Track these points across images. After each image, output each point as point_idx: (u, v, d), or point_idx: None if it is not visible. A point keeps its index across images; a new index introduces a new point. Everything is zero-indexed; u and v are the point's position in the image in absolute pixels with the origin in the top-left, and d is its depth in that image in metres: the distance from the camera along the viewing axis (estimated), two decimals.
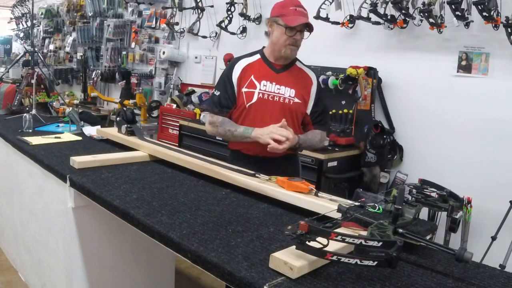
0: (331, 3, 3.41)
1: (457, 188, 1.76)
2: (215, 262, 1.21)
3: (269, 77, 2.16)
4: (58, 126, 3.13)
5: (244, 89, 2.16)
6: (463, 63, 2.99)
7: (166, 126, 4.62)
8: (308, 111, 2.20)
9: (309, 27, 2.09)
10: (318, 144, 2.25)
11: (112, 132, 2.65)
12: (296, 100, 2.14)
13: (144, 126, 4.69)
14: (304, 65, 2.27)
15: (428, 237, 1.45)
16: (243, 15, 4.21)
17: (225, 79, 2.21)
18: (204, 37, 4.75)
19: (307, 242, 1.12)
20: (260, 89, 2.14)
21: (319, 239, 1.13)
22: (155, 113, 4.91)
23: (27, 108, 3.54)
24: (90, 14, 6.52)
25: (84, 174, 1.97)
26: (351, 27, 3.46)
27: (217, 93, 2.22)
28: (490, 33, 2.78)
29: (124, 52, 5.97)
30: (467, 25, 2.85)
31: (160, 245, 1.41)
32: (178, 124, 4.33)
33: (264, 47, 2.25)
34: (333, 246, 1.17)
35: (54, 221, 2.19)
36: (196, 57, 5.05)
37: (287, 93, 2.14)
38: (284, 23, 2.06)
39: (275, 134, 1.98)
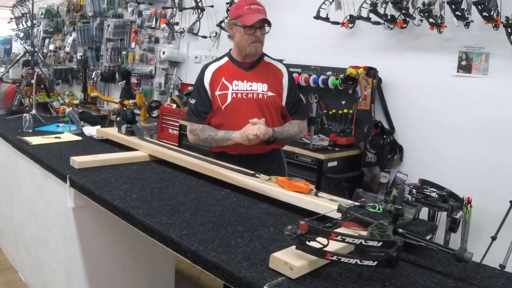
0: (331, 3, 3.41)
1: (457, 188, 1.76)
2: (215, 262, 1.21)
3: (239, 76, 2.20)
4: (58, 126, 3.13)
5: (217, 92, 2.20)
6: (463, 63, 2.99)
7: (166, 126, 4.62)
8: (283, 103, 2.24)
9: (267, 23, 2.12)
10: (297, 134, 2.27)
11: (112, 132, 2.65)
12: (270, 93, 2.18)
13: (144, 126, 4.69)
14: (272, 59, 2.30)
15: (428, 237, 1.45)
16: None
17: (198, 86, 2.26)
18: (204, 37, 4.75)
19: (307, 242, 1.12)
20: (232, 89, 2.18)
21: (319, 239, 1.13)
22: (155, 113, 4.91)
23: (27, 108, 3.54)
24: (90, 14, 6.52)
25: (84, 174, 1.97)
26: (351, 27, 3.46)
27: (193, 101, 2.27)
28: (490, 33, 2.78)
29: (124, 52, 5.97)
30: (467, 25, 2.85)
31: (160, 245, 1.41)
32: (178, 124, 4.33)
33: (230, 49, 2.29)
34: (333, 246, 1.17)
35: (54, 221, 2.19)
36: (196, 57, 5.05)
37: (260, 88, 2.18)
38: (241, 23, 2.10)
39: (248, 134, 2.06)
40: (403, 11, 3.03)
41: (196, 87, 2.28)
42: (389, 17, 3.15)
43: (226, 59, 2.27)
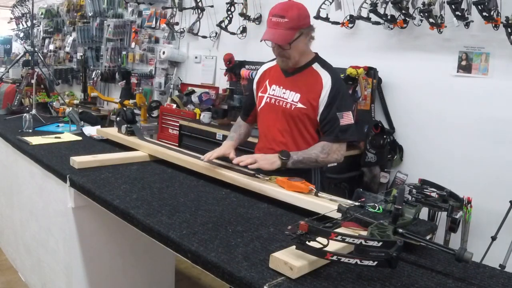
0: (331, 3, 3.41)
1: (457, 188, 1.76)
2: (215, 262, 1.21)
3: (279, 81, 2.07)
4: (58, 126, 3.13)
5: (260, 93, 2.15)
6: (463, 63, 2.99)
7: (166, 126, 4.62)
8: (318, 118, 1.98)
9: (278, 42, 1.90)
10: (317, 157, 1.94)
11: (112, 132, 2.65)
12: (300, 105, 1.97)
13: (144, 126, 4.69)
14: (324, 66, 2.03)
15: (428, 237, 1.45)
16: (243, 15, 4.20)
17: (250, 83, 2.27)
18: (204, 37, 4.75)
19: (307, 242, 1.12)
20: (269, 94, 2.08)
21: (319, 239, 1.13)
22: (155, 113, 4.90)
23: (27, 108, 3.54)
24: (90, 14, 6.52)
25: (84, 174, 1.97)
26: (351, 27, 3.46)
27: (245, 96, 2.26)
28: (490, 33, 2.78)
29: (124, 52, 5.96)
30: (467, 25, 2.85)
31: (160, 245, 1.41)
32: (178, 124, 4.33)
33: None
34: (333, 246, 1.17)
35: (54, 221, 2.19)
36: (196, 57, 5.04)
37: (291, 97, 2.00)
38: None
39: (210, 155, 1.97)
40: (403, 11, 3.03)
41: (248, 84, 2.30)
42: (389, 17, 3.15)
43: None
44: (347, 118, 1.96)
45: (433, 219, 2.85)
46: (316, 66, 2.02)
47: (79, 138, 2.73)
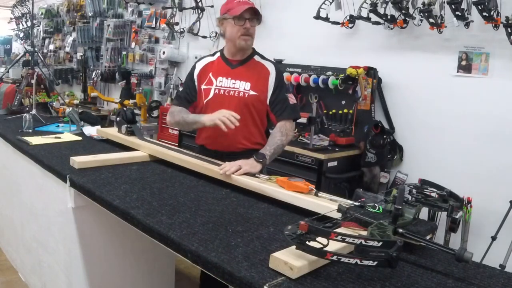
0: (331, 3, 3.41)
1: (457, 188, 1.76)
2: (215, 262, 1.21)
3: (225, 73, 2.22)
4: (58, 126, 3.13)
5: (203, 86, 2.25)
6: (463, 63, 2.99)
7: (166, 126, 4.62)
8: (268, 102, 2.19)
9: (255, 13, 2.13)
10: (282, 141, 2.12)
11: (112, 132, 2.65)
12: (252, 92, 2.16)
13: (144, 126, 4.69)
14: (263, 58, 2.28)
15: (428, 237, 1.45)
16: None
17: (188, 76, 2.35)
18: (204, 37, 4.75)
19: (307, 242, 1.12)
20: (216, 85, 2.22)
21: (319, 239, 1.13)
22: (155, 113, 4.90)
23: (27, 108, 3.54)
24: (90, 14, 6.51)
25: (84, 174, 1.97)
26: (351, 27, 3.46)
27: (181, 88, 2.35)
28: (490, 33, 2.78)
29: (124, 52, 5.96)
30: (467, 25, 2.85)
31: (160, 245, 1.41)
32: None
33: (224, 47, 2.32)
34: (333, 246, 1.17)
35: (54, 221, 2.19)
36: (196, 57, 5.00)
37: (242, 86, 2.17)
38: (230, 15, 2.12)
39: (223, 117, 1.97)
40: (403, 11, 3.03)
41: (186, 77, 2.36)
42: (389, 17, 3.15)
43: (218, 55, 2.31)
44: (292, 99, 2.23)
45: (433, 219, 2.84)
46: (257, 58, 2.26)
47: (79, 138, 2.73)
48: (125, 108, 2.70)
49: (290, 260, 1.14)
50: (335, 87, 3.47)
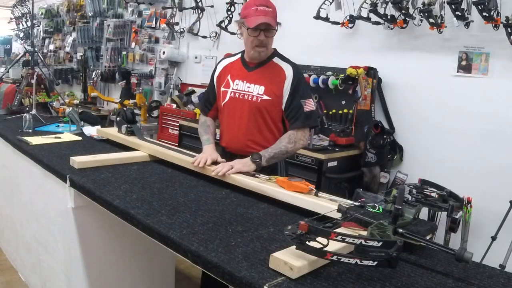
0: (331, 3, 3.41)
1: (457, 188, 1.76)
2: (215, 262, 1.21)
3: (242, 76, 2.17)
4: (58, 126, 3.13)
5: (222, 89, 2.22)
6: (463, 63, 2.99)
7: (166, 126, 4.62)
8: (283, 107, 2.10)
9: (271, 27, 2.04)
10: (286, 148, 2.05)
11: (112, 132, 2.65)
12: (265, 97, 2.07)
13: (144, 126, 4.69)
14: (283, 59, 2.16)
15: (428, 237, 1.45)
16: None
17: (211, 77, 2.32)
18: (204, 37, 4.75)
19: (307, 242, 1.12)
20: (232, 88, 2.17)
21: (319, 239, 1.13)
22: (155, 113, 4.90)
23: (27, 108, 3.54)
24: (90, 14, 6.52)
25: (84, 174, 1.97)
26: (351, 27, 3.46)
27: (206, 91, 2.37)
28: (490, 33, 2.78)
29: (124, 52, 5.96)
30: (467, 25, 2.85)
31: (160, 245, 1.41)
32: (178, 124, 4.33)
33: None
34: (333, 246, 1.17)
35: (54, 221, 2.19)
36: (196, 57, 5.04)
37: (256, 90, 2.10)
38: (246, 24, 2.05)
39: (201, 158, 2.03)
40: (403, 11, 3.03)
41: (210, 78, 2.34)
42: (389, 17, 3.15)
43: (238, 56, 2.25)
44: (309, 105, 2.10)
45: (433, 219, 2.85)
46: (276, 59, 2.15)
47: (79, 138, 2.73)
48: (125, 108, 2.70)
49: (290, 260, 1.14)
50: (335, 87, 3.47)
